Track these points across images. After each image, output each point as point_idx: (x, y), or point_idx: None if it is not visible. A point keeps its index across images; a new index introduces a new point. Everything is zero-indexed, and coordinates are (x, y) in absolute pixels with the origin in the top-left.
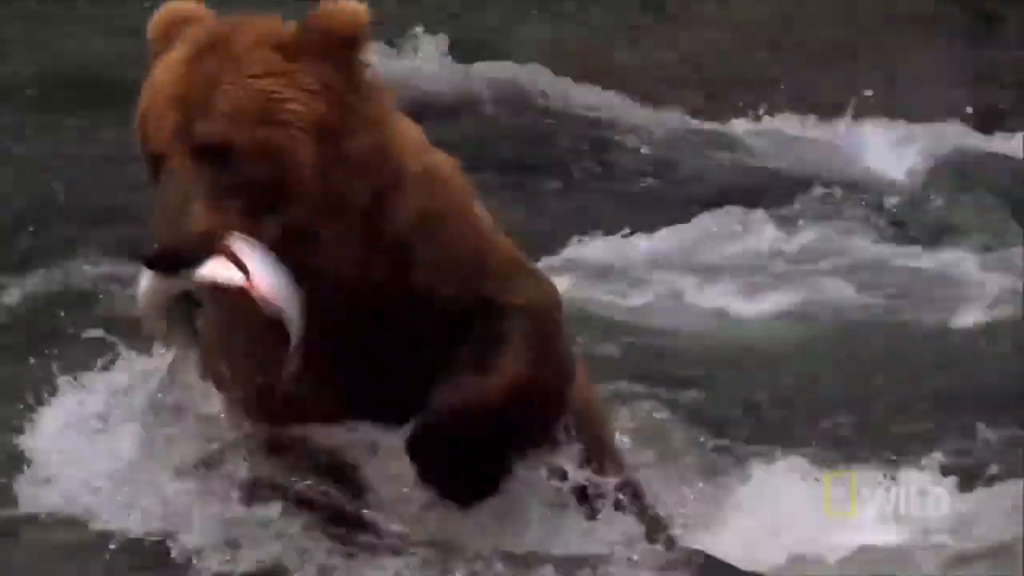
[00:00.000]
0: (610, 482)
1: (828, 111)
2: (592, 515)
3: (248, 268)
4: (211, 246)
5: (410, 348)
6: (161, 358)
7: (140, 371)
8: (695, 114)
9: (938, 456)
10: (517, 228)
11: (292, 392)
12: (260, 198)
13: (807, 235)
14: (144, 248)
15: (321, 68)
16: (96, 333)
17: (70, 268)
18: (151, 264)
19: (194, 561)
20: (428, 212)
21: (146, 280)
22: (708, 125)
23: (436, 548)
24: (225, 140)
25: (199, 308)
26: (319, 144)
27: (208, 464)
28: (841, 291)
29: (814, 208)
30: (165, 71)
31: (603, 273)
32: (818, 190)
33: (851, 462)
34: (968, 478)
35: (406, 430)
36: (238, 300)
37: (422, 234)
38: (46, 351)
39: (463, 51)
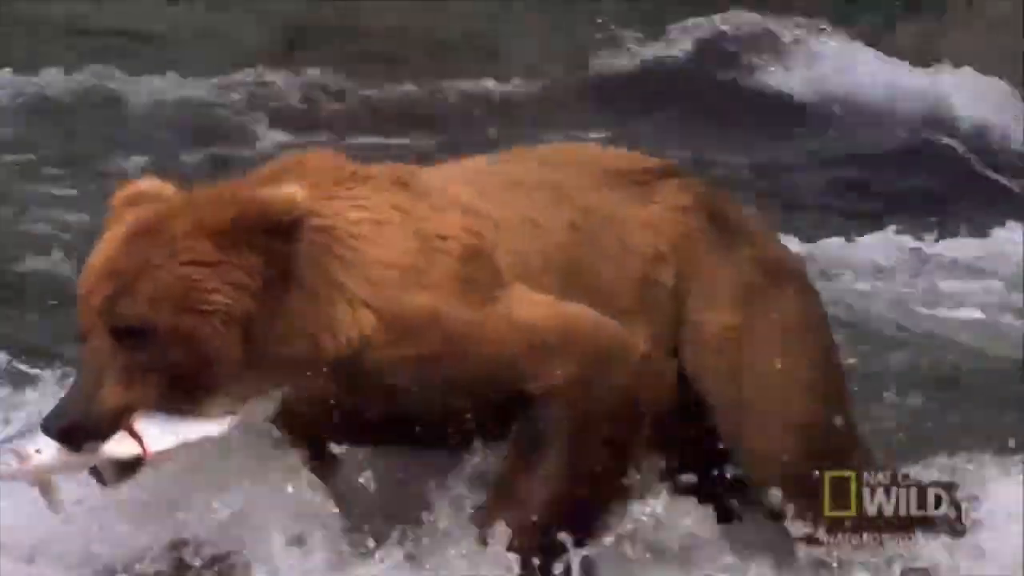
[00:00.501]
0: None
1: None
2: None
3: (145, 441)
4: (117, 424)
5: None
6: None
7: None
8: None
9: None
10: None
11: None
12: (177, 383)
13: None
14: (51, 420)
15: (251, 260)
16: None
17: None
18: (57, 438)
19: None
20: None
21: (49, 448)
22: None
23: None
24: (144, 323)
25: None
26: (243, 339)
27: None
28: None
29: None
30: (103, 247)
31: None
32: None
33: None
34: None
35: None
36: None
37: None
38: None
39: None
